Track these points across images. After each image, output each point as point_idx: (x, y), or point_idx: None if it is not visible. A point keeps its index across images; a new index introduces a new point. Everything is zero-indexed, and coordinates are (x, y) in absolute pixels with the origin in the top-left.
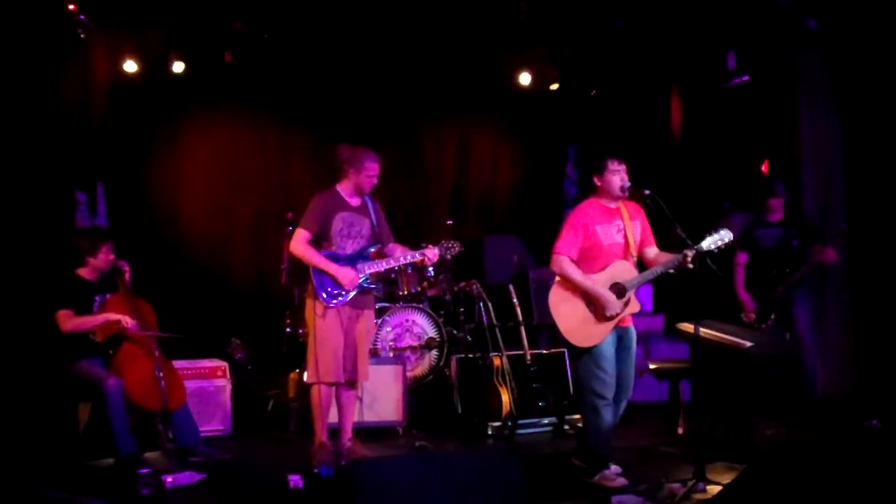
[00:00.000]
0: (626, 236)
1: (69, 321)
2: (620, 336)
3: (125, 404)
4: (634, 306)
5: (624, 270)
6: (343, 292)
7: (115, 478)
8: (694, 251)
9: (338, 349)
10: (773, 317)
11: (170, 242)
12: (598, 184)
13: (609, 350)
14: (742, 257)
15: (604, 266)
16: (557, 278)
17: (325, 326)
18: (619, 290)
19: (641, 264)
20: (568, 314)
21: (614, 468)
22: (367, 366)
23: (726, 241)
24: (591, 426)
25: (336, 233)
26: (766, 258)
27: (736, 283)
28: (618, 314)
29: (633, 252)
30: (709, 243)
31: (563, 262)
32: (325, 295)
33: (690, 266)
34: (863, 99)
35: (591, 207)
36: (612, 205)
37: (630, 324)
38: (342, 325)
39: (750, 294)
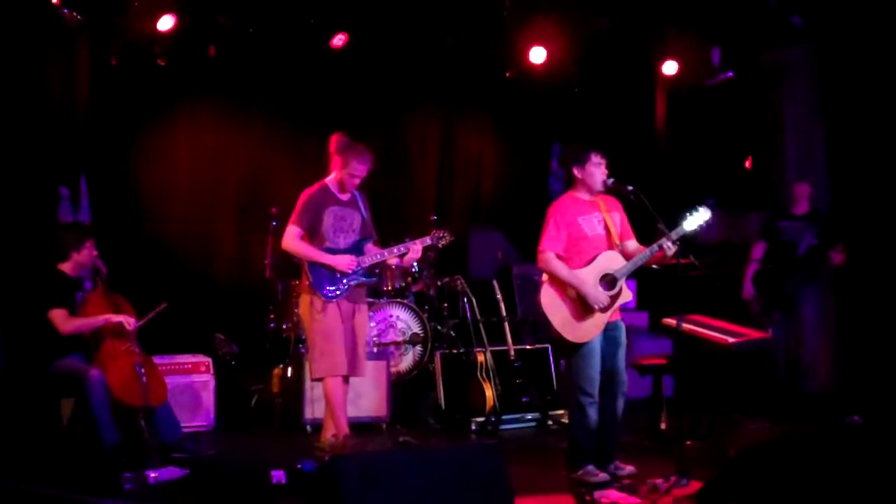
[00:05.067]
0: (606, 226)
1: (68, 322)
2: (610, 331)
3: (108, 397)
4: (626, 295)
5: (612, 260)
6: (340, 285)
7: (97, 473)
8: (676, 234)
9: (342, 342)
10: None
11: (153, 237)
12: (579, 176)
13: (598, 347)
14: (757, 252)
15: (591, 258)
16: (546, 275)
17: (327, 321)
18: (610, 280)
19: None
20: (561, 310)
21: None
22: (365, 360)
23: (707, 218)
24: (575, 422)
25: (328, 228)
26: (783, 251)
27: (745, 275)
28: (607, 307)
29: (617, 241)
30: (690, 223)
31: (550, 258)
32: (323, 289)
33: (673, 239)
34: (847, 95)
35: (569, 201)
36: (589, 198)
37: (619, 317)
38: (342, 319)
39: (756, 288)
